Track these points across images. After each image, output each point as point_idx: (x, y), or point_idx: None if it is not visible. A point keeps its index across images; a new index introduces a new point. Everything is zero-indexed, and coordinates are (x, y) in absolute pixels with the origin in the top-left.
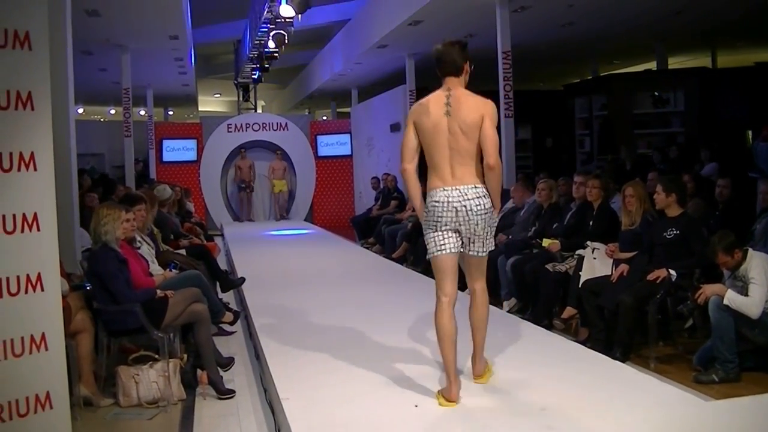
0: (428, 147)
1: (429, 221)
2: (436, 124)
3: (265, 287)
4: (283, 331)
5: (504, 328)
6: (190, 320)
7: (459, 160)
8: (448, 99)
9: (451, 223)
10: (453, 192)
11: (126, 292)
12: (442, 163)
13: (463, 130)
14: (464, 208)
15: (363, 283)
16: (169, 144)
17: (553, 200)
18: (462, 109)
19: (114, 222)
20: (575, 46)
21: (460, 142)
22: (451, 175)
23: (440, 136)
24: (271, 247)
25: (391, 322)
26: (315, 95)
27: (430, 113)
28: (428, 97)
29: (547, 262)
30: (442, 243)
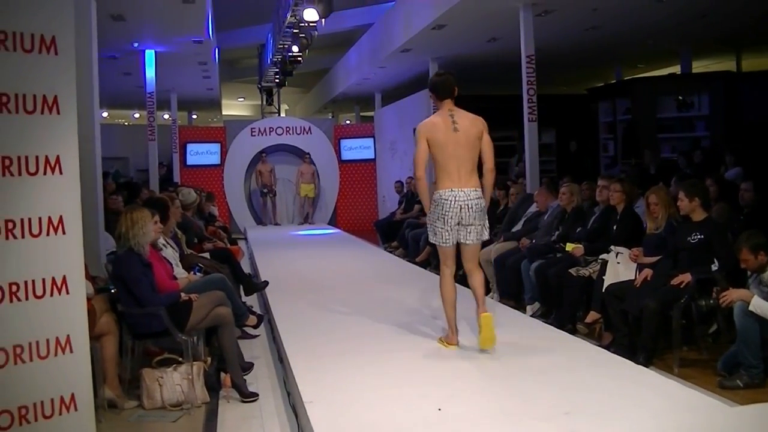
0: (440, 157)
1: (437, 213)
2: (447, 138)
3: (288, 291)
4: (307, 335)
5: (527, 332)
6: (214, 323)
7: (465, 167)
8: (453, 118)
9: (456, 217)
10: (459, 193)
11: (150, 295)
12: (451, 169)
13: (468, 142)
14: (467, 206)
15: (386, 286)
16: (192, 148)
17: (576, 204)
18: (466, 125)
19: (144, 227)
20: (599, 49)
21: (465, 152)
22: (458, 178)
23: (450, 148)
24: (295, 251)
25: (415, 326)
26: (338, 99)
27: (441, 130)
28: (434, 117)
29: (570, 267)
30: (447, 238)
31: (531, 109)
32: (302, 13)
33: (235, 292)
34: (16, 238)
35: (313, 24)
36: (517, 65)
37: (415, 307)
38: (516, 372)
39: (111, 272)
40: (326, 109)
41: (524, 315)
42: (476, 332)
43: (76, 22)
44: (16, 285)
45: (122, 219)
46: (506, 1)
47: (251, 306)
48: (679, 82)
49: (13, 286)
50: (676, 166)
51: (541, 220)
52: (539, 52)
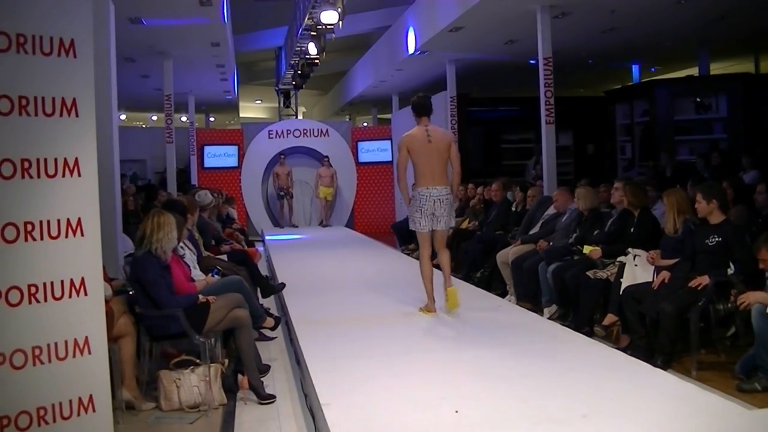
0: (418, 162)
1: (416, 206)
2: (423, 147)
3: (305, 293)
4: (324, 337)
5: (545, 335)
6: (231, 325)
7: (437, 170)
8: (428, 132)
9: (430, 209)
10: (433, 190)
11: (168, 297)
12: (426, 171)
13: (439, 151)
14: (439, 201)
15: (404, 288)
16: (210, 150)
17: (590, 207)
18: (438, 138)
19: (170, 233)
20: (617, 52)
21: (437, 158)
22: (432, 179)
23: (425, 155)
24: (312, 253)
25: (433, 328)
26: (356, 101)
27: (418, 141)
28: (413, 131)
29: (588, 269)
30: (424, 225)
31: (548, 111)
32: (320, 15)
33: (252, 294)
34: (35, 240)
35: (330, 26)
36: (534, 68)
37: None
38: (533, 374)
39: (129, 274)
40: (343, 112)
41: (541, 317)
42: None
43: (94, 25)
44: (35, 287)
45: (147, 221)
46: (524, 3)
47: (268, 308)
48: (697, 83)
49: (32, 288)
50: (693, 168)
51: (559, 223)
52: (557, 54)
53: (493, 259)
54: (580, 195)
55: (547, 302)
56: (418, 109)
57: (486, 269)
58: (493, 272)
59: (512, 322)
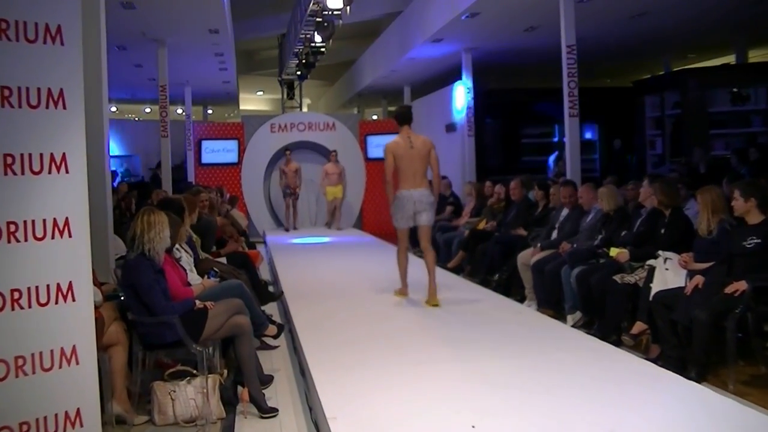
0: (401, 167)
1: (398, 206)
2: (405, 153)
3: (310, 298)
4: (330, 346)
5: (568, 344)
6: (231, 333)
7: (418, 174)
8: (410, 139)
9: (411, 209)
10: (414, 192)
11: (163, 303)
12: (408, 176)
13: (420, 156)
14: (419, 201)
15: (415, 294)
16: (208, 145)
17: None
18: (419, 145)
19: (162, 232)
20: (646, 39)
21: (418, 164)
22: (413, 182)
23: (407, 161)
24: (317, 256)
25: (447, 336)
26: (364, 93)
27: (402, 147)
28: (397, 138)
29: (614, 273)
30: (404, 223)
31: (572, 104)
32: (325, 0)
33: (253, 299)
34: (19, 242)
35: (337, 12)
36: (557, 56)
37: (447, 316)
38: (556, 387)
39: (120, 278)
40: (351, 104)
41: (564, 325)
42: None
43: (83, 10)
44: (19, 292)
45: (137, 220)
46: None
47: (271, 315)
48: (734, 73)
49: (15, 293)
50: (728, 164)
51: (583, 222)
52: (581, 41)
53: (513, 262)
54: (602, 195)
55: (570, 309)
56: (400, 118)
57: (504, 272)
58: (511, 276)
59: (533, 330)
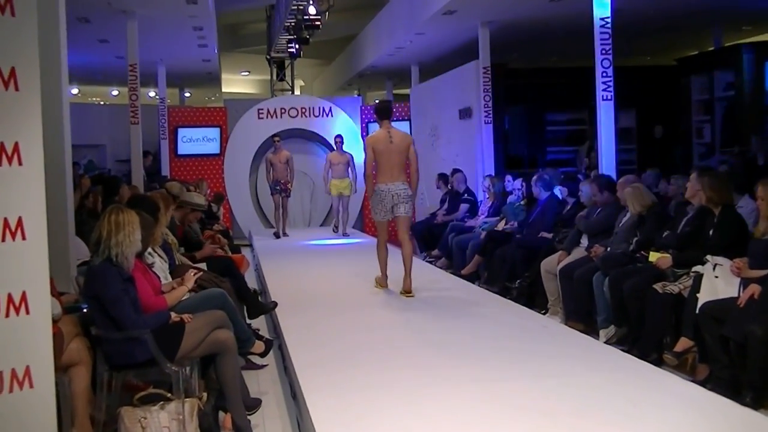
0: (380, 161)
1: (377, 199)
2: (385, 148)
3: (304, 311)
4: (327, 365)
5: (601, 363)
6: (212, 351)
7: (396, 168)
8: (390, 133)
9: (390, 202)
10: (392, 186)
11: (132, 316)
12: (386, 169)
13: (399, 151)
14: (397, 195)
15: (425, 306)
16: (185, 133)
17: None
18: (398, 139)
19: (132, 234)
20: (693, 8)
21: (397, 158)
22: (392, 176)
23: (387, 155)
24: (312, 261)
25: (459, 353)
26: (367, 73)
27: (381, 141)
28: (376, 132)
29: (655, 281)
30: (384, 215)
31: (606, 85)
32: None
33: (238, 311)
34: None
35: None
36: (588, 30)
37: (461, 331)
38: (586, 412)
39: (83, 288)
40: (351, 86)
41: (596, 341)
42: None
43: None
44: None
45: (103, 221)
46: None
47: (258, 329)
48: None
49: None
50: None
51: (619, 221)
52: (616, 13)
53: (536, 268)
54: (628, 197)
55: (603, 322)
56: (380, 113)
57: (526, 280)
58: (534, 283)
59: (559, 346)
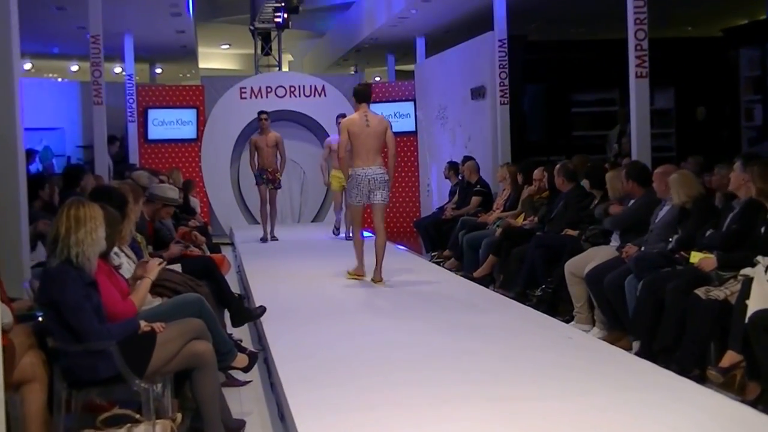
0: (356, 144)
1: (353, 183)
2: (361, 131)
3: (293, 319)
4: (319, 381)
5: (634, 379)
6: (187, 365)
7: (372, 152)
8: (366, 117)
9: (366, 186)
10: (368, 170)
11: (95, 326)
12: (362, 153)
13: (375, 135)
14: (374, 179)
15: (431, 314)
16: (157, 115)
17: (691, 198)
18: (375, 123)
19: (94, 231)
20: None
21: (373, 142)
22: (367, 159)
23: (362, 138)
24: (302, 263)
25: (471, 368)
26: (364, 47)
27: (357, 124)
28: (353, 115)
29: (697, 286)
30: (360, 200)
31: (640, 60)
32: None
33: (218, 319)
34: None
35: None
36: None
37: (471, 345)
38: None
39: (38, 293)
40: (347, 62)
41: (629, 354)
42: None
43: None
44: None
45: (61, 216)
46: None
47: (240, 340)
48: None
49: None
50: None
51: (655, 215)
52: None
53: (560, 271)
54: (673, 184)
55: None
56: (359, 96)
57: (549, 285)
58: (558, 289)
59: (588, 360)
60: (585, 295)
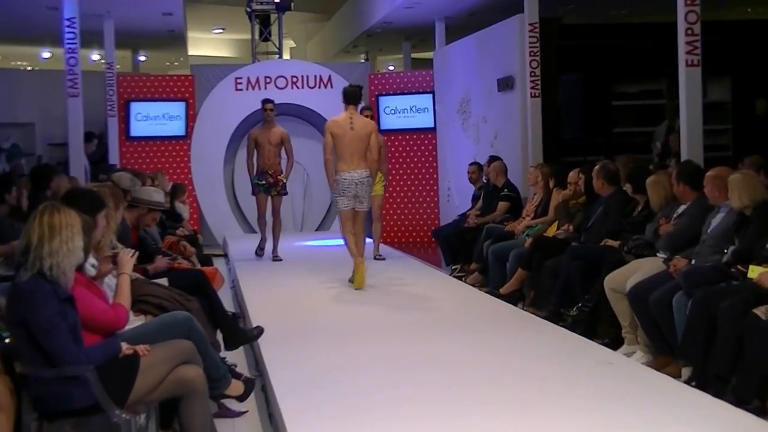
0: (339, 146)
1: (338, 189)
2: (345, 133)
3: (295, 342)
4: (323, 413)
5: (685, 411)
6: (175, 393)
7: (356, 155)
8: (351, 119)
9: (352, 190)
10: (353, 173)
11: (70, 348)
12: (346, 156)
13: (359, 138)
14: (360, 183)
15: (450, 337)
16: (141, 108)
17: (754, 202)
18: (359, 126)
19: (70, 240)
20: None
21: (357, 144)
22: (352, 163)
23: (346, 141)
24: (304, 277)
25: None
26: (376, 31)
27: (341, 126)
28: (338, 117)
29: (756, 305)
30: (347, 205)
31: (691, 47)
32: None
33: (209, 341)
34: None
35: None
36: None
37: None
38: None
39: (6, 311)
40: (356, 48)
41: (678, 382)
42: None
43: None
44: None
45: (32, 223)
46: None
47: (235, 365)
48: None
49: None
50: None
51: (708, 225)
52: None
53: (599, 287)
54: (734, 185)
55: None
56: (347, 97)
57: (587, 302)
58: (597, 306)
59: (632, 389)
60: (630, 313)
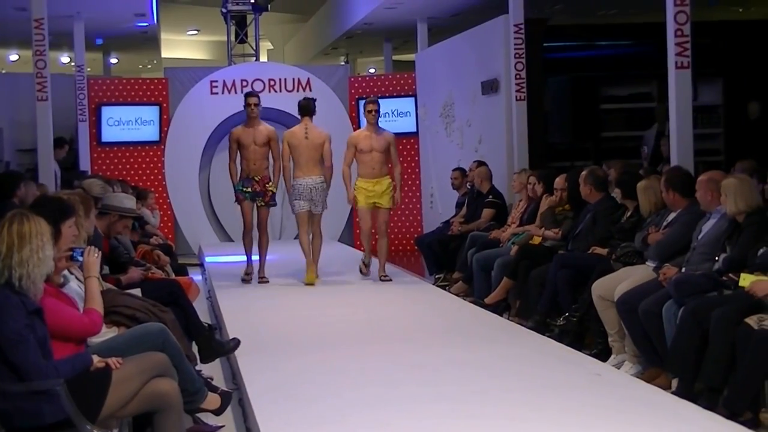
0: (296, 155)
1: (295, 194)
2: (300, 143)
3: (272, 353)
4: (302, 427)
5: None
6: (148, 407)
7: (310, 162)
8: (307, 130)
9: (307, 195)
10: (308, 180)
11: (39, 362)
12: (302, 164)
13: (314, 147)
14: (314, 188)
15: (434, 347)
16: (112, 113)
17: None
18: (314, 136)
19: (40, 250)
20: None
21: (312, 153)
22: (307, 170)
23: (302, 150)
24: (284, 287)
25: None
26: (357, 33)
27: (297, 137)
28: (294, 128)
29: (748, 314)
30: (302, 207)
31: (681, 48)
32: None
33: (184, 353)
34: None
35: None
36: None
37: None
38: None
39: None
40: (336, 50)
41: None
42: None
43: None
44: None
45: (1, 233)
46: None
47: (211, 378)
48: None
49: None
50: None
51: (699, 232)
52: None
53: (587, 296)
54: (727, 190)
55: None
56: (302, 110)
57: (575, 312)
58: (585, 316)
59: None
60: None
